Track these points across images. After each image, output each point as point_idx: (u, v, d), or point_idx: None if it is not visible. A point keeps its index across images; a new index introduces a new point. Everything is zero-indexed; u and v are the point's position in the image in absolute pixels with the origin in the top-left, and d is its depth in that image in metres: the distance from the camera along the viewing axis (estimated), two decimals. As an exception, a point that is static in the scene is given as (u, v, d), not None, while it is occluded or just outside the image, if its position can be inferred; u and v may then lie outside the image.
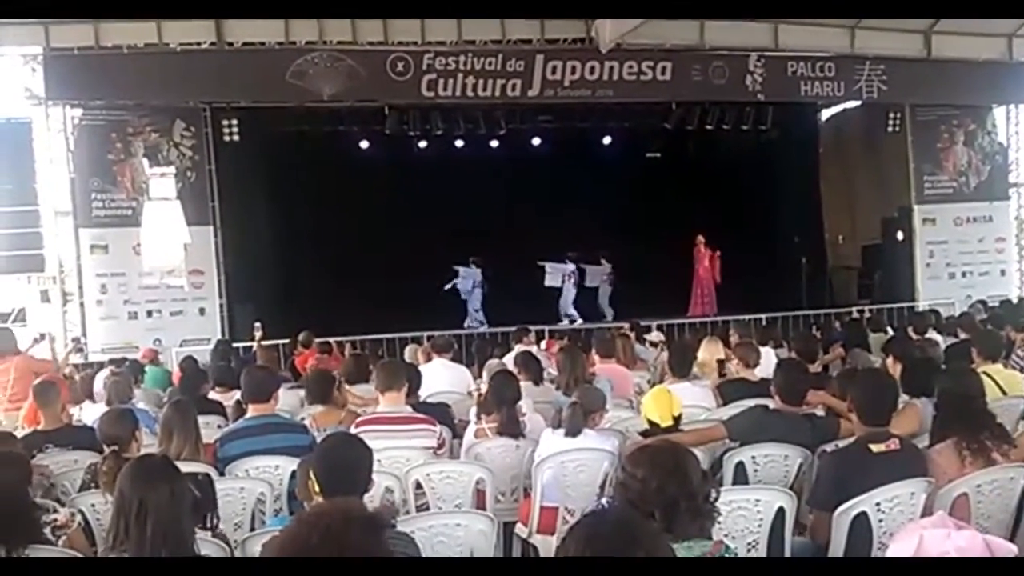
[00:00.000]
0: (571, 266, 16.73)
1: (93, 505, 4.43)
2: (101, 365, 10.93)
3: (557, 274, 16.71)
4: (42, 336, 9.90)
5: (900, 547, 2.62)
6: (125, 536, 3.07)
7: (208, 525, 3.65)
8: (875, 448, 4.09)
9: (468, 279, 16.65)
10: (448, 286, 16.59)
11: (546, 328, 14.80)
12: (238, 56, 13.80)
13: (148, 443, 5.42)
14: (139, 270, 14.33)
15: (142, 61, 13.51)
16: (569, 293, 16.72)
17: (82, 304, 14.16)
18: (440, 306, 16.16)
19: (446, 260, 16.52)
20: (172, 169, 14.47)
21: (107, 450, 4.72)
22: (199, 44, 13.65)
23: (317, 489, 3.30)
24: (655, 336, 11.85)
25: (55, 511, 4.00)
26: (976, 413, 4.37)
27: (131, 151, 14.26)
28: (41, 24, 13.03)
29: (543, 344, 11.27)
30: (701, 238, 16.98)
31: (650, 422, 5.09)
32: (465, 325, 16.08)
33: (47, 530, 3.86)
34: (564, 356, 7.19)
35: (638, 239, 16.88)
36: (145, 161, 14.34)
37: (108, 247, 14.21)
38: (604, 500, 3.97)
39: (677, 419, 5.09)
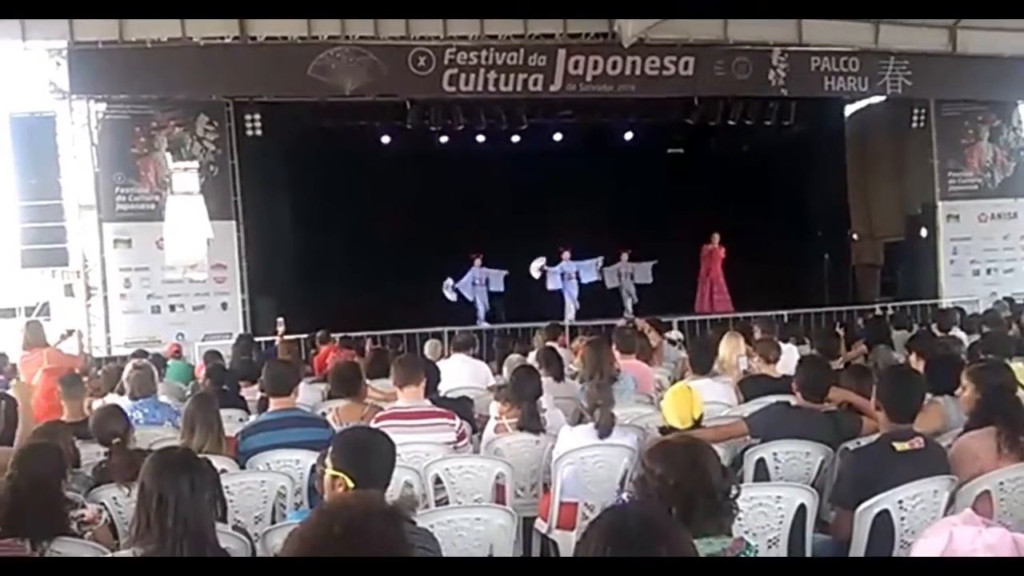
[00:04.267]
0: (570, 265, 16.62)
1: (115, 498, 4.46)
2: (124, 359, 10.96)
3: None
4: (70, 332, 9.93)
5: (930, 543, 2.60)
6: (147, 529, 3.09)
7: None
8: (899, 447, 4.05)
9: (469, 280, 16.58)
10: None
11: (566, 324, 14.78)
12: (261, 51, 13.83)
13: (171, 436, 5.46)
14: (162, 264, 14.39)
15: (166, 55, 13.56)
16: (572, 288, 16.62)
17: (106, 298, 14.24)
18: (461, 302, 16.18)
19: (466, 255, 16.48)
20: (195, 163, 14.52)
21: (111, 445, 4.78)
22: (222, 39, 13.66)
23: (350, 484, 3.14)
24: (674, 334, 11.76)
25: (83, 506, 4.04)
26: (1019, 407, 4.34)
27: (154, 145, 14.33)
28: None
29: (574, 344, 10.45)
30: (716, 236, 16.84)
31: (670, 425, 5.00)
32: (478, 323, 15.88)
33: (74, 525, 3.90)
34: (590, 349, 7.09)
35: (660, 234, 16.81)
36: (168, 155, 14.39)
37: (131, 241, 14.28)
38: (624, 495, 3.96)
39: (698, 421, 4.92)
